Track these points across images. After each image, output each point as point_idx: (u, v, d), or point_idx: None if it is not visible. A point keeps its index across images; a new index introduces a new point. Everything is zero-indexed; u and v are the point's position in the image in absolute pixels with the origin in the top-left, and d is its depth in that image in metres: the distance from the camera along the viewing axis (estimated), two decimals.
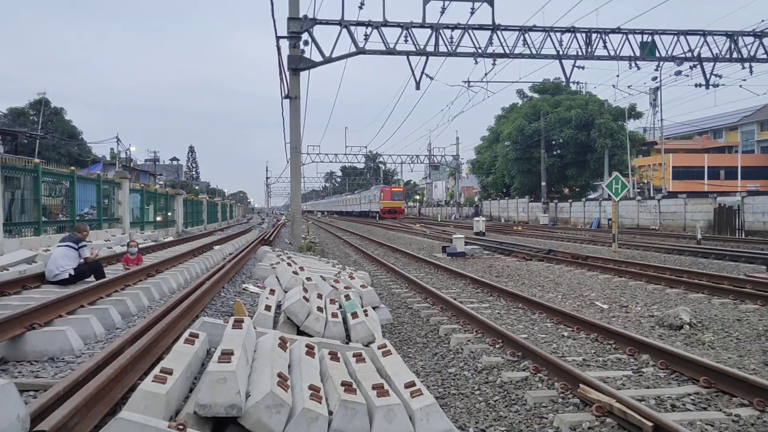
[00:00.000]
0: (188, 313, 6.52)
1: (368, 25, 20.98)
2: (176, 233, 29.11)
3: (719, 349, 7.27)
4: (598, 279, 13.50)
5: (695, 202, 34.29)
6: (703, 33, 22.27)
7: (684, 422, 4.61)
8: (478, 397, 5.51)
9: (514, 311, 9.73)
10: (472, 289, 12.34)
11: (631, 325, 8.67)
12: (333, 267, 13.58)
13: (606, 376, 5.94)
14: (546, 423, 4.81)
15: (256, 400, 3.38)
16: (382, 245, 25.11)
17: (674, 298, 10.82)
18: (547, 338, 7.77)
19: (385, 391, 3.85)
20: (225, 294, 9.10)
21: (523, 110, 55.14)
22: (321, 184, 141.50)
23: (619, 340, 7.19)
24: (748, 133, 76.49)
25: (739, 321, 8.71)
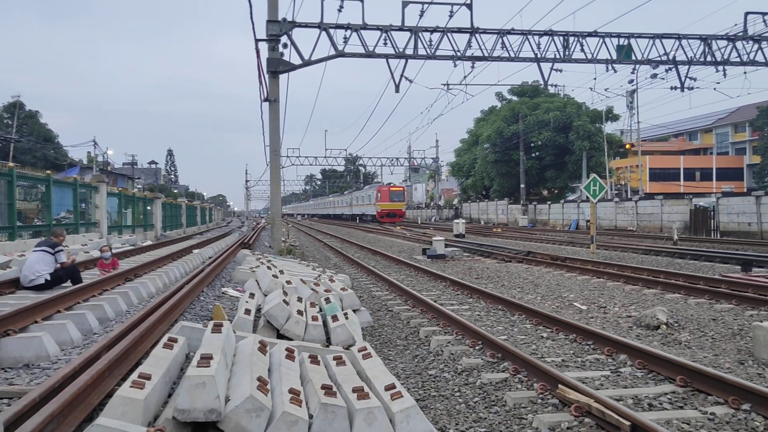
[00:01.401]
0: (167, 317, 6.46)
1: (347, 27, 20.97)
2: (155, 237, 28.82)
3: (695, 349, 7.38)
4: (576, 280, 13.62)
5: (671, 204, 34.76)
6: (678, 37, 22.60)
7: (661, 421, 4.67)
8: (458, 399, 5.53)
9: (494, 313, 9.79)
10: (452, 291, 12.38)
11: (609, 326, 8.77)
12: (313, 270, 13.55)
13: (584, 376, 6.00)
14: (525, 424, 4.84)
15: (235, 405, 3.37)
16: (363, 248, 25.10)
17: (651, 298, 10.96)
18: (527, 339, 7.83)
19: (365, 393, 3.85)
20: (204, 298, 9.04)
21: (502, 113, 55.51)
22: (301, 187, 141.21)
23: (598, 340, 7.26)
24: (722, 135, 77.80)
25: (715, 320, 8.84)
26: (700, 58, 22.63)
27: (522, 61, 22.53)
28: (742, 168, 70.51)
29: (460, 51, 21.87)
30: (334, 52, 21.01)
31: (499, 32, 22.05)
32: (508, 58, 22.24)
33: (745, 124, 71.06)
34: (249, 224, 61.70)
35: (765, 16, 22.51)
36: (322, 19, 20.75)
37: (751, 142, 70.04)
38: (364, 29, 21.08)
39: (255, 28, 19.84)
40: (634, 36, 22.48)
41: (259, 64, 20.58)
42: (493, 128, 53.64)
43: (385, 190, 58.73)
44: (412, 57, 21.57)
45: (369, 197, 62.69)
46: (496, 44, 22.03)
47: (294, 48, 20.66)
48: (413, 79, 22.59)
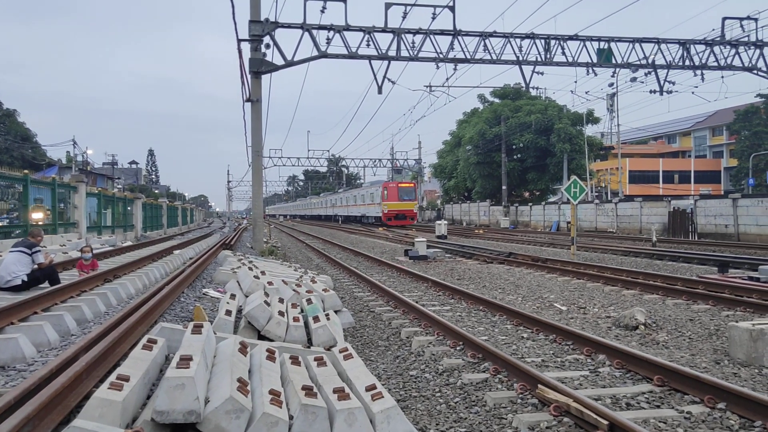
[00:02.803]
0: (146, 318, 6.41)
1: (330, 29, 20.96)
2: (135, 238, 28.55)
3: (672, 349, 7.48)
4: (557, 281, 13.73)
5: (651, 206, 35.16)
6: (657, 41, 22.88)
7: (638, 420, 4.72)
8: (438, 399, 5.55)
9: (475, 313, 9.83)
10: (433, 291, 12.41)
11: (589, 326, 8.85)
12: (295, 271, 13.52)
13: (564, 376, 6.05)
14: (505, 423, 4.87)
15: (215, 406, 3.36)
16: (345, 249, 25.08)
17: (630, 299, 11.08)
18: (507, 340, 7.88)
19: (346, 394, 3.86)
20: (185, 299, 8.98)
21: (484, 115, 55.79)
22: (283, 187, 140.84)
23: (577, 340, 7.33)
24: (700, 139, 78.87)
25: (692, 321, 8.96)
26: (678, 63, 22.93)
27: (504, 64, 22.68)
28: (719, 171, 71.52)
29: (443, 53, 21.96)
30: (317, 53, 20.99)
31: (481, 35, 22.17)
32: (490, 60, 22.36)
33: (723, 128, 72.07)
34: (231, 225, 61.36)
35: (742, 21, 22.89)
36: (305, 20, 20.71)
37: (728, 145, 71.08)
38: (347, 30, 21.08)
39: (237, 28, 19.80)
40: (614, 40, 22.72)
41: (242, 65, 20.51)
42: (476, 130, 53.89)
43: (393, 186, 49.96)
44: (394, 58, 21.61)
45: (372, 195, 53.84)
46: (479, 46, 22.16)
47: (277, 48, 20.63)
48: (396, 81, 22.67)
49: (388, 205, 48.67)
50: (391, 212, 48.68)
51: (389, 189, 49.22)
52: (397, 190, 49.18)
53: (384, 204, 48.88)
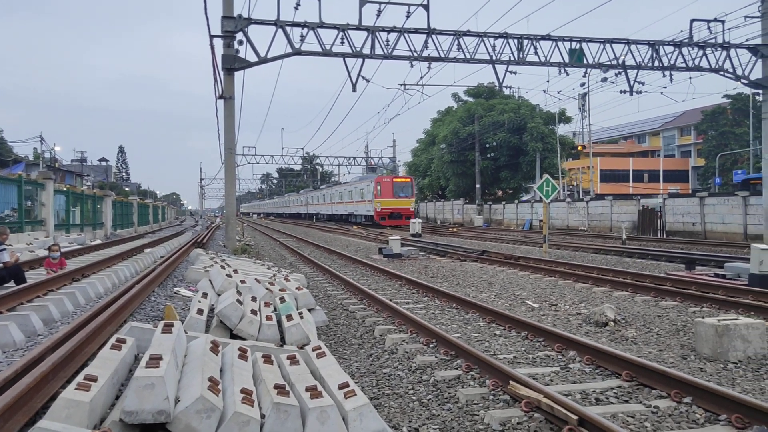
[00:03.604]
0: (116, 318, 6.32)
1: (304, 26, 20.85)
2: (104, 236, 28.11)
3: (641, 344, 7.61)
4: (529, 278, 13.87)
5: (621, 204, 35.70)
6: (627, 42, 23.21)
7: (607, 415, 4.80)
8: (411, 397, 5.58)
9: (449, 311, 9.89)
10: (407, 289, 12.45)
11: (560, 323, 8.96)
12: (268, 269, 13.44)
13: (535, 372, 6.12)
14: (477, 420, 4.91)
15: (185, 405, 3.32)
16: (319, 247, 25.01)
17: (600, 296, 11.24)
18: (480, 337, 7.94)
19: (318, 392, 3.85)
20: (155, 298, 8.86)
21: (458, 114, 56.06)
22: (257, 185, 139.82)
23: (548, 337, 7.42)
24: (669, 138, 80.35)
25: (660, 317, 9.12)
26: (648, 63, 23.28)
27: (477, 63, 22.78)
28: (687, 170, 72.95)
29: (417, 51, 21.99)
30: (291, 50, 20.86)
31: (455, 33, 22.25)
32: (464, 59, 22.46)
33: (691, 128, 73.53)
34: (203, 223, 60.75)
35: (709, 23, 23.32)
36: (279, 17, 20.57)
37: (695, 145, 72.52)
38: (321, 28, 20.99)
39: (210, 24, 19.56)
40: (585, 40, 22.98)
41: (214, 61, 20.30)
42: (450, 129, 54.14)
43: (388, 181, 44.63)
44: (369, 56, 21.58)
45: (362, 192, 47.73)
46: (453, 45, 22.23)
47: (250, 45, 20.45)
48: (370, 79, 22.63)
49: (382, 202, 43.37)
50: (385, 210, 43.34)
51: (383, 184, 43.82)
52: (391, 186, 43.93)
53: (377, 201, 43.43)
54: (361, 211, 48.08)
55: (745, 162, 53.70)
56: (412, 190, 45.35)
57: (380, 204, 43.26)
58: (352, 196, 51.17)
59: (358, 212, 48.82)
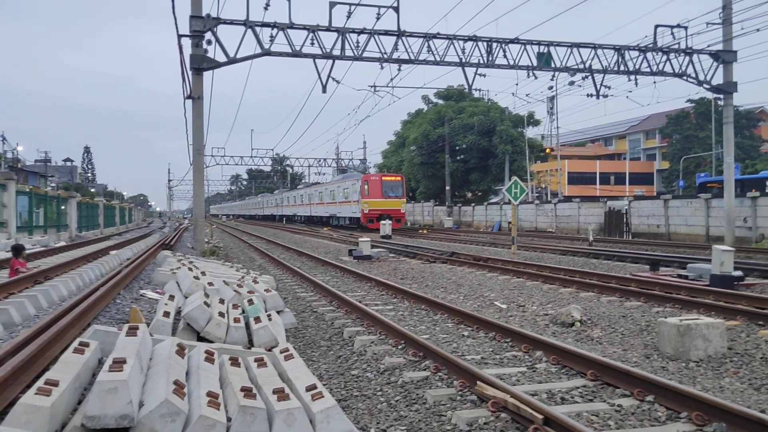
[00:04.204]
0: (79, 321, 6.20)
1: (274, 26, 20.73)
2: (69, 238, 27.55)
3: (606, 344, 7.74)
4: (497, 280, 13.99)
5: (588, 206, 36.24)
6: (594, 46, 23.58)
7: (572, 414, 4.88)
8: (380, 398, 5.59)
9: (418, 312, 9.93)
10: (377, 291, 12.46)
11: (528, 324, 9.06)
12: (237, 271, 13.33)
13: (502, 372, 6.18)
14: (444, 420, 4.94)
15: (149, 409, 3.28)
16: (288, 249, 24.88)
17: (567, 297, 11.40)
18: (448, 338, 7.99)
19: (285, 395, 3.84)
20: (121, 301, 8.72)
21: (428, 116, 56.29)
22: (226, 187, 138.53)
23: (516, 338, 7.50)
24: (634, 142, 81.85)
25: (624, 317, 9.29)
26: (614, 68, 23.69)
27: (447, 65, 22.92)
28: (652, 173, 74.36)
29: (387, 53, 22.04)
30: (260, 51, 20.72)
31: (425, 36, 22.36)
32: (434, 61, 22.57)
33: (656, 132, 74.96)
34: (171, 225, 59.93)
35: (673, 29, 23.81)
36: (248, 17, 20.41)
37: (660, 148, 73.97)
38: (291, 28, 20.90)
39: (178, 23, 19.33)
40: (553, 44, 23.29)
41: (182, 61, 20.05)
42: (420, 131, 54.34)
43: (376, 180, 40.98)
44: (339, 58, 21.56)
45: (346, 191, 44.01)
46: (422, 47, 22.33)
47: (219, 45, 20.25)
48: (341, 80, 22.66)
49: (370, 203, 39.60)
50: (373, 212, 39.24)
51: (371, 183, 40.25)
52: (380, 185, 40.22)
53: (364, 202, 39.71)
54: (345, 213, 44.47)
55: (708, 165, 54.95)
56: (403, 189, 41.84)
57: (368, 205, 39.62)
58: (334, 196, 47.15)
59: (342, 214, 45.17)
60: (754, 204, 24.71)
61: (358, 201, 40.82)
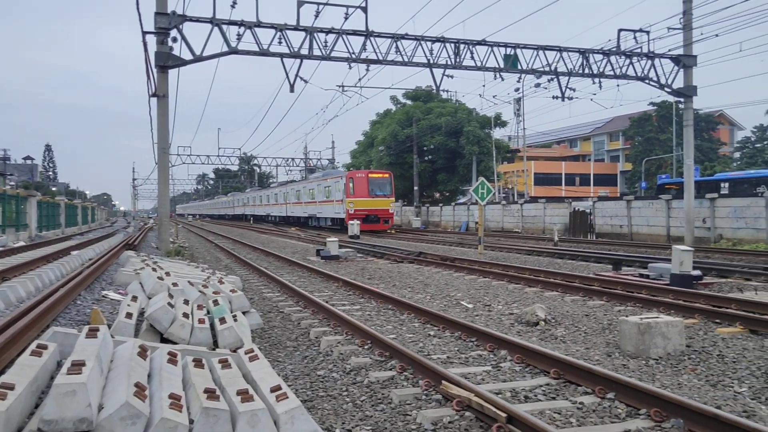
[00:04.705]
0: (37, 323, 6.07)
1: (241, 24, 20.55)
2: (28, 238, 26.88)
3: (569, 343, 7.86)
4: (464, 279, 14.10)
5: (553, 207, 36.76)
6: (559, 49, 23.93)
7: (535, 411, 4.94)
8: (345, 398, 5.59)
9: (384, 312, 9.95)
10: (344, 291, 12.45)
11: (493, 323, 9.15)
12: (202, 272, 13.15)
13: (467, 372, 6.23)
14: (410, 420, 4.97)
15: (109, 413, 3.22)
16: (255, 249, 24.69)
17: (532, 296, 11.55)
18: (415, 338, 8.02)
19: (249, 396, 3.81)
20: (82, 302, 8.54)
21: (396, 116, 56.45)
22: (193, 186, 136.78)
23: (481, 337, 7.57)
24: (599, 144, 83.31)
25: (587, 316, 9.45)
26: (578, 70, 24.07)
27: (415, 66, 23.02)
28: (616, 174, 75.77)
29: (355, 53, 22.03)
30: (227, 49, 20.52)
31: (393, 36, 22.41)
32: (402, 62, 22.64)
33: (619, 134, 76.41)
34: (136, 224, 58.93)
35: (636, 33, 24.31)
36: (215, 14, 20.20)
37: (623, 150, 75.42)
38: (258, 27, 20.75)
39: (142, 19, 19.07)
40: (519, 46, 23.56)
41: (147, 58, 19.75)
42: (388, 131, 54.45)
43: (362, 177, 38.25)
44: (307, 57, 21.48)
45: (329, 190, 41.06)
46: (391, 48, 22.38)
47: (184, 42, 19.99)
48: (308, 80, 22.55)
49: (356, 202, 36.86)
50: (359, 212, 36.55)
51: (357, 180, 37.54)
52: (367, 182, 37.61)
53: (349, 201, 36.92)
54: (327, 213, 41.59)
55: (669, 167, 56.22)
56: (391, 187, 39.14)
57: (354, 204, 36.82)
58: (314, 195, 44.22)
59: (323, 214, 42.27)
60: (713, 205, 25.37)
61: (342, 200, 38.01)
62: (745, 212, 23.90)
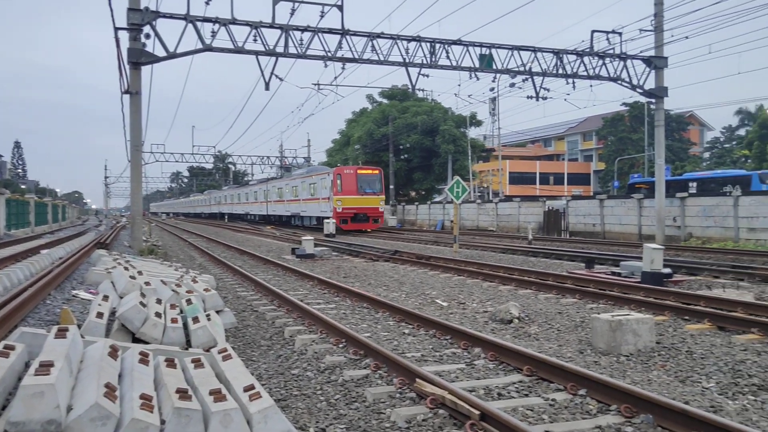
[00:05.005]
0: (5, 323, 5.96)
1: (215, 21, 20.35)
2: None
3: (542, 340, 7.94)
4: (439, 278, 14.16)
5: (528, 206, 37.08)
6: (534, 49, 24.14)
7: (508, 408, 4.99)
8: (319, 397, 5.58)
9: (360, 311, 9.95)
10: (319, 290, 12.42)
11: (468, 321, 9.20)
12: (176, 271, 13.02)
13: (441, 369, 6.26)
14: (383, 418, 4.98)
15: (78, 414, 3.18)
16: (230, 248, 24.51)
17: (506, 294, 11.64)
18: (389, 336, 8.04)
19: (222, 396, 3.78)
20: (51, 302, 8.41)
21: (372, 115, 56.47)
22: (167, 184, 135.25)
23: (455, 335, 7.61)
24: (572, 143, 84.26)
25: (560, 314, 9.56)
26: (553, 71, 24.30)
27: (391, 65, 23.04)
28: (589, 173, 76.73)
29: (331, 52, 21.96)
30: (201, 46, 20.32)
31: (369, 35, 22.39)
32: (378, 61, 22.64)
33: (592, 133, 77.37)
34: (108, 223, 58.09)
35: (608, 34, 24.62)
36: (189, 11, 19.98)
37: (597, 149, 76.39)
38: (233, 24, 20.58)
39: (114, 15, 18.78)
40: (494, 46, 23.71)
41: (119, 54, 19.47)
42: (364, 130, 54.45)
43: (351, 173, 35.98)
44: (282, 55, 21.36)
45: (313, 187, 39.03)
46: (366, 47, 22.36)
47: (158, 39, 19.74)
48: (284, 78, 22.41)
49: (344, 200, 34.91)
50: (347, 211, 34.90)
51: (345, 177, 35.41)
52: (356, 179, 35.54)
53: (337, 199, 34.87)
54: (312, 212, 39.31)
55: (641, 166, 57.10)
56: (381, 184, 37.19)
57: (341, 203, 34.80)
58: (298, 192, 41.90)
59: (308, 213, 40.06)
60: (683, 204, 25.83)
61: (328, 198, 35.80)
62: (714, 211, 24.37)
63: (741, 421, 4.77)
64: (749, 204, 22.99)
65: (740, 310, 8.99)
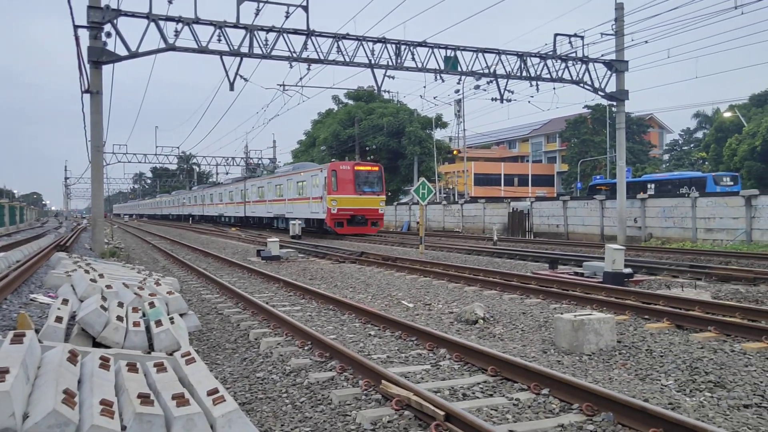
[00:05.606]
0: None
1: (179, 20, 20.08)
2: None
3: (507, 340, 8.03)
4: (405, 279, 14.20)
5: (493, 207, 37.46)
6: (498, 52, 24.41)
7: (472, 409, 5.03)
8: (285, 400, 5.55)
9: (325, 313, 9.92)
10: (285, 292, 12.35)
11: (433, 322, 9.25)
12: (138, 273, 12.79)
13: (407, 371, 6.29)
14: (349, 420, 4.97)
15: (35, 421, 3.10)
16: (195, 250, 24.19)
17: (471, 295, 11.73)
18: (355, 338, 8.03)
19: (185, 400, 3.73)
20: (8, 306, 8.19)
21: (338, 116, 56.37)
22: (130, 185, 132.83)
23: (421, 336, 7.64)
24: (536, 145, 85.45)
25: (525, 314, 9.67)
26: (517, 73, 24.61)
27: (357, 66, 23.04)
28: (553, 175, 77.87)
29: (296, 52, 21.87)
30: (164, 46, 20.02)
31: (334, 36, 22.36)
32: (344, 62, 22.62)
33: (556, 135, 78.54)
34: (68, 225, 56.76)
35: (571, 38, 25.05)
36: (151, 10, 19.67)
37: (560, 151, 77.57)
38: (197, 23, 20.33)
39: (74, 13, 18.38)
40: (459, 49, 23.90)
41: (80, 53, 19.08)
42: (330, 131, 54.32)
43: (347, 169, 31.43)
44: (247, 55, 21.19)
45: (302, 185, 34.59)
46: (332, 48, 22.32)
47: (119, 38, 19.38)
48: (249, 78, 22.24)
49: (340, 200, 30.73)
50: (343, 212, 30.88)
51: (341, 174, 31.05)
52: (353, 176, 31.27)
53: (332, 198, 30.67)
54: (300, 213, 34.50)
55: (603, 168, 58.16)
56: (382, 182, 32.89)
57: (337, 203, 30.68)
58: (283, 192, 37.43)
59: (296, 215, 34.75)
60: (644, 205, 26.41)
61: (321, 197, 31.60)
62: (673, 212, 24.99)
63: (698, 418, 4.90)
64: (707, 205, 23.64)
65: (698, 308, 9.23)
